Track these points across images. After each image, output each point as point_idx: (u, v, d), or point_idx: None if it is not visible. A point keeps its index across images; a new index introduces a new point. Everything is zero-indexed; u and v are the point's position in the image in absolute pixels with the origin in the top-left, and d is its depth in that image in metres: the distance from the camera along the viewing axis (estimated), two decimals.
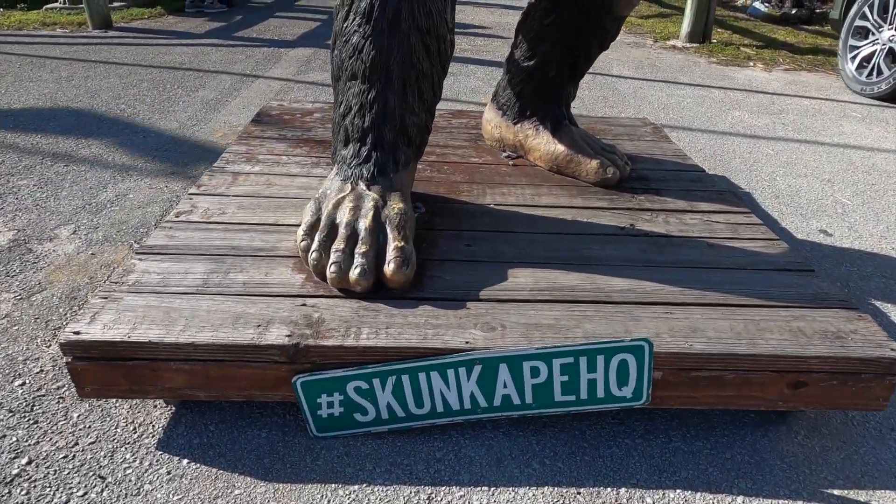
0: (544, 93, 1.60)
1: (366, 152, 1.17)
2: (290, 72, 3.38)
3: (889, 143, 2.67)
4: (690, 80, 3.60)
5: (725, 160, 2.39)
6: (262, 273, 1.12)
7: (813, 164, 2.40)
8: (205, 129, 2.43)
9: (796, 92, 3.47)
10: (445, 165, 1.67)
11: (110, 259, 1.51)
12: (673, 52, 4.40)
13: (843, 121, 2.97)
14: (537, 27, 1.51)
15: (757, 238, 1.35)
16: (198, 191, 1.43)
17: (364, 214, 1.11)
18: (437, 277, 1.13)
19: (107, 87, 2.96)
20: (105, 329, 0.95)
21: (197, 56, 3.66)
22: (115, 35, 4.27)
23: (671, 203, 1.50)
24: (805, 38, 5.06)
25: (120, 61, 3.48)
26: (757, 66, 4.08)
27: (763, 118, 2.95)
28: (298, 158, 1.66)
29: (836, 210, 2.00)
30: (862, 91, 3.40)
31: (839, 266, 1.65)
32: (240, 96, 2.89)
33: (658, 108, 3.04)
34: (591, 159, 1.55)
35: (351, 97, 1.16)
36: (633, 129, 2.05)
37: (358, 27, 1.09)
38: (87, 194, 1.84)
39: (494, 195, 1.50)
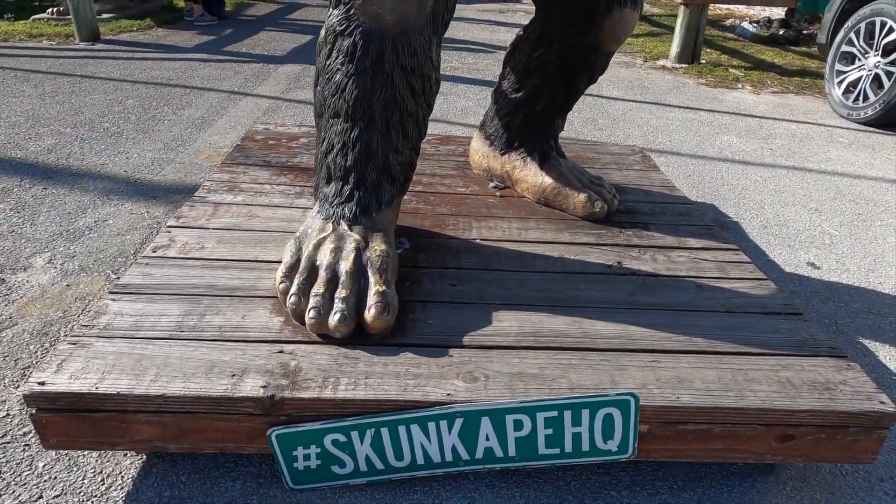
0: (532, 125, 1.59)
1: (348, 191, 1.14)
2: (278, 89, 3.35)
3: (875, 171, 2.68)
4: (680, 103, 3.62)
5: (714, 187, 2.39)
6: (240, 316, 1.09)
7: (801, 192, 2.40)
8: (190, 150, 2.40)
9: (784, 115, 3.49)
10: (432, 196, 1.65)
11: (86, 291, 1.47)
12: (662, 73, 4.43)
13: (830, 146, 2.98)
14: (525, 60, 1.50)
15: (745, 278, 1.33)
16: (177, 223, 1.39)
17: (345, 256, 1.08)
18: (419, 321, 1.11)
19: (91, 103, 2.92)
20: (72, 379, 0.91)
21: (185, 71, 3.62)
22: (103, 48, 4.23)
23: (659, 239, 1.49)
24: (793, 60, 5.11)
25: (106, 76, 3.44)
26: (745, 88, 4.10)
27: (751, 143, 2.96)
28: (282, 187, 1.63)
29: (823, 241, 1.99)
30: (849, 116, 3.43)
31: (827, 302, 1.64)
32: (227, 115, 2.86)
33: (647, 131, 3.05)
34: (579, 193, 1.54)
35: (334, 135, 1.13)
36: (622, 157, 2.04)
37: (341, 66, 1.07)
38: (66, 220, 1.79)
39: (481, 229, 1.48)
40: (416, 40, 1.07)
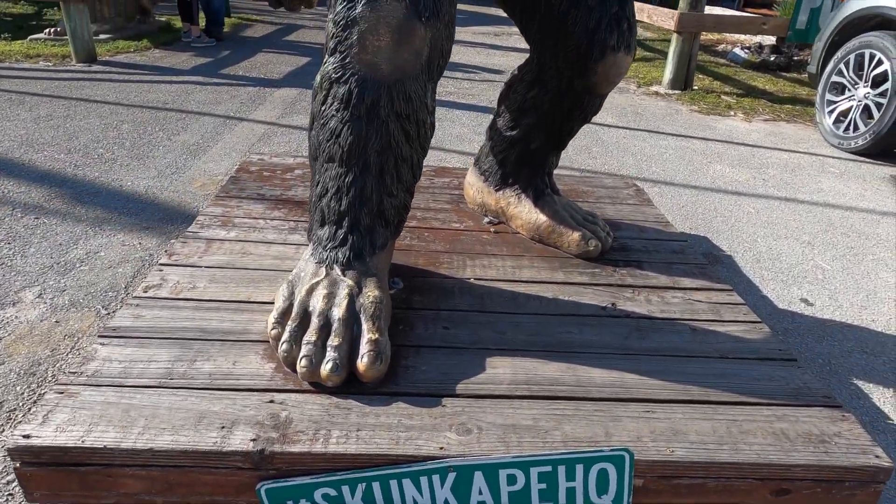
0: (527, 162, 1.60)
1: (342, 235, 1.14)
2: (274, 114, 3.36)
3: (866, 202, 2.70)
4: (673, 130, 3.65)
5: (707, 219, 2.40)
6: (231, 362, 1.07)
7: (793, 224, 2.42)
8: (184, 178, 2.39)
9: (776, 144, 3.53)
10: (426, 232, 1.65)
11: (75, 328, 1.45)
12: (656, 99, 4.47)
13: (821, 176, 3.01)
14: (520, 100, 1.51)
15: (738, 320, 1.33)
16: (169, 261, 1.38)
17: (338, 303, 1.07)
18: (412, 367, 1.10)
19: (86, 128, 2.92)
20: (58, 431, 0.90)
21: (181, 95, 3.63)
22: (99, 70, 4.24)
23: (653, 278, 1.49)
24: (784, 87, 5.18)
25: (102, 99, 3.44)
26: (737, 115, 4.15)
27: (744, 172, 2.99)
28: (276, 222, 1.63)
29: (816, 276, 2.00)
30: (839, 145, 3.47)
31: (821, 340, 1.64)
32: (222, 141, 2.86)
33: (641, 159, 3.07)
34: (573, 231, 1.54)
35: (328, 179, 1.13)
36: (616, 190, 2.05)
37: (336, 112, 1.07)
38: (57, 251, 1.78)
39: (475, 267, 1.48)
40: (412, 88, 1.07)
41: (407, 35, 1.01)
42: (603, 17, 1.31)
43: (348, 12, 1.01)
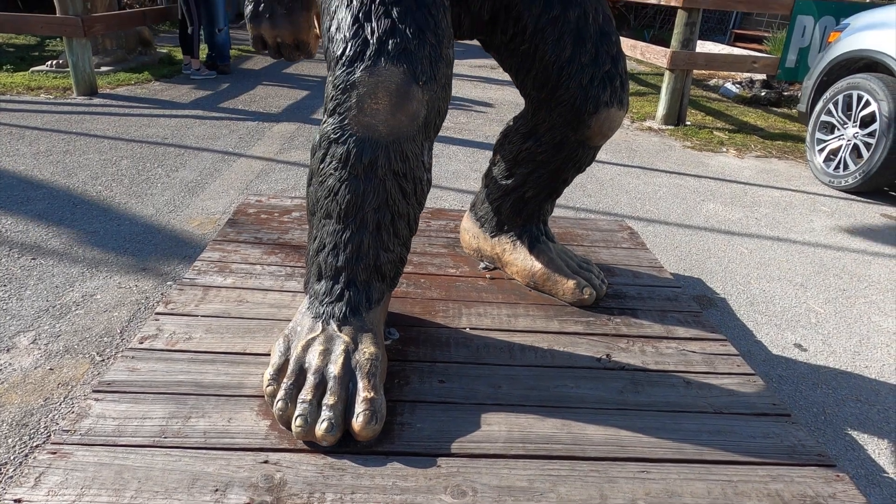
0: (522, 210, 1.62)
1: (338, 290, 1.15)
2: (272, 150, 3.40)
3: (857, 242, 2.73)
4: (666, 167, 3.70)
5: (701, 259, 2.42)
6: (225, 419, 1.07)
7: (786, 265, 2.44)
8: (181, 217, 2.41)
9: (768, 181, 3.58)
10: (422, 278, 1.66)
11: (69, 376, 1.45)
12: (649, 135, 4.54)
13: (813, 215, 3.04)
14: (515, 151, 1.53)
15: (732, 373, 1.34)
16: (165, 310, 1.39)
17: (334, 360, 1.08)
18: (407, 425, 1.10)
19: (85, 164, 2.94)
20: (50, 495, 0.89)
21: (180, 129, 3.67)
22: (100, 103, 4.28)
23: (647, 328, 1.50)
24: (775, 122, 5.27)
25: (102, 133, 3.47)
26: (730, 151, 4.21)
27: (737, 211, 3.02)
28: (273, 268, 1.64)
29: (809, 320, 2.01)
30: (830, 183, 3.52)
31: (814, 389, 1.64)
32: (220, 178, 2.88)
33: (635, 197, 3.10)
34: (568, 279, 1.55)
35: (325, 235, 1.15)
36: (610, 233, 2.07)
37: (334, 171, 1.09)
38: (52, 294, 1.78)
39: (470, 316, 1.48)
40: (409, 147, 1.09)
41: (404, 99, 1.04)
42: (596, 74, 1.34)
43: (348, 76, 1.03)
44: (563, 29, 1.32)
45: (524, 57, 1.38)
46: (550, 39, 1.33)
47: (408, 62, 1.03)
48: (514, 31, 1.36)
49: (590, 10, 1.34)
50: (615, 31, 1.40)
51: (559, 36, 1.32)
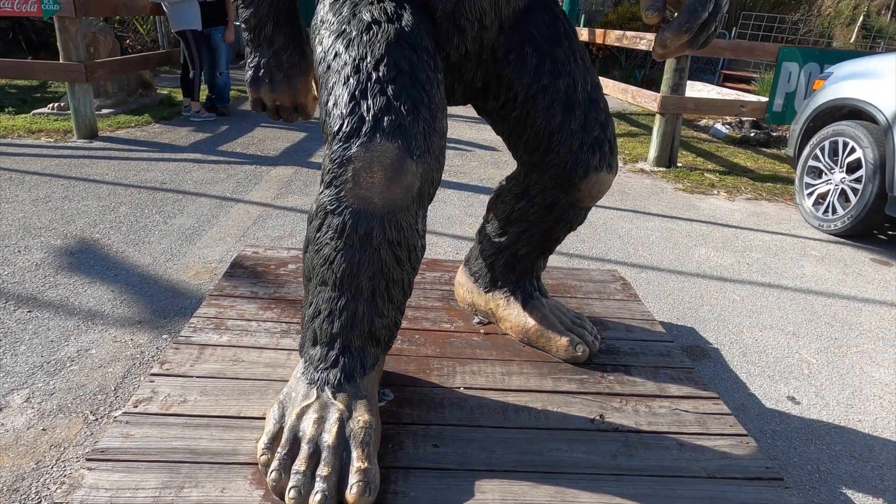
0: (515, 267, 1.64)
1: (333, 357, 1.16)
2: (270, 195, 3.44)
3: (848, 288, 2.76)
4: (658, 210, 3.75)
5: (694, 307, 2.44)
6: (219, 489, 1.07)
7: (777, 312, 2.46)
8: (178, 266, 2.42)
9: (758, 225, 3.63)
10: (417, 334, 1.67)
11: (62, 436, 1.44)
12: (641, 177, 4.61)
13: (803, 260, 3.08)
14: (508, 210, 1.57)
15: (725, 434, 1.35)
16: (160, 370, 1.39)
17: (328, 429, 1.08)
18: (401, 493, 1.10)
19: (84, 210, 2.97)
20: None
21: (178, 174, 3.72)
22: (100, 146, 4.34)
23: (640, 385, 1.51)
24: (764, 163, 5.36)
25: (101, 178, 3.51)
26: (721, 194, 4.28)
27: (728, 256, 3.06)
28: (268, 324, 1.65)
29: (802, 371, 2.03)
30: (820, 227, 3.57)
31: (809, 444, 1.65)
32: (217, 224, 2.91)
33: (628, 242, 3.14)
34: (561, 336, 1.57)
35: (321, 301, 1.17)
36: (603, 285, 2.10)
37: (330, 240, 1.12)
38: (48, 349, 1.78)
39: (465, 374, 1.49)
40: (403, 217, 1.12)
41: (399, 173, 1.07)
42: (585, 140, 1.38)
43: (344, 152, 1.07)
44: (553, 97, 1.37)
45: (516, 123, 1.42)
46: (541, 107, 1.37)
47: (402, 138, 1.06)
48: (505, 98, 1.41)
49: (578, 78, 1.39)
50: (603, 97, 1.45)
51: (549, 104, 1.37)
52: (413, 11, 1.23)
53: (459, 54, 1.34)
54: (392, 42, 1.14)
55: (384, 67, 1.11)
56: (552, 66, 1.37)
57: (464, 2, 1.26)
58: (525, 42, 1.37)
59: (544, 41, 1.38)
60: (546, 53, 1.37)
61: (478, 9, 1.27)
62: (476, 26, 1.30)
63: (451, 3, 1.25)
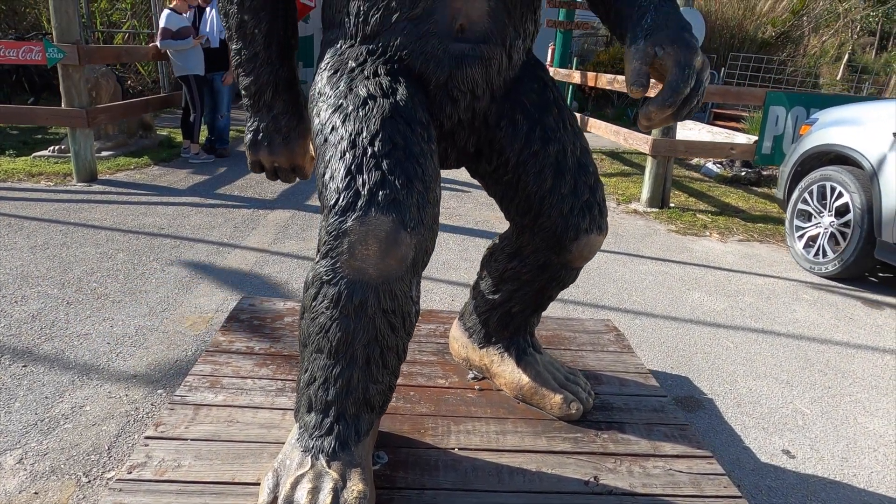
0: (508, 324, 1.66)
1: (328, 424, 1.17)
2: (267, 240, 3.47)
3: (840, 334, 2.78)
4: (652, 253, 3.79)
5: (688, 355, 2.46)
6: None
7: (771, 360, 2.48)
8: (174, 316, 2.43)
9: (750, 267, 3.67)
10: (412, 391, 1.68)
11: (53, 500, 1.43)
12: (634, 218, 4.67)
13: (796, 304, 3.11)
14: (501, 269, 1.60)
15: (720, 496, 1.35)
16: (155, 433, 1.39)
17: (322, 500, 1.08)
18: None
19: (82, 257, 2.99)
20: None
21: (176, 218, 3.75)
22: (99, 189, 4.39)
23: (634, 444, 1.51)
24: (755, 203, 5.44)
25: (99, 224, 3.54)
26: (713, 235, 4.33)
27: (721, 301, 3.08)
28: (264, 382, 1.66)
29: (796, 422, 2.03)
30: (811, 269, 3.61)
31: (804, 501, 1.64)
32: (214, 271, 2.93)
33: (622, 287, 3.17)
34: (555, 394, 1.58)
35: (316, 368, 1.18)
36: (597, 336, 2.12)
37: (326, 309, 1.14)
38: (42, 406, 1.78)
39: (459, 434, 1.50)
40: (398, 286, 1.15)
41: (393, 245, 1.10)
42: (575, 204, 1.42)
43: (340, 225, 1.10)
44: (544, 162, 1.41)
45: (508, 186, 1.46)
46: (532, 172, 1.41)
47: (396, 211, 1.10)
48: (497, 162, 1.45)
49: (568, 144, 1.43)
50: (592, 161, 1.49)
51: (540, 169, 1.41)
52: (407, 85, 1.28)
53: (453, 123, 1.38)
54: (387, 117, 1.19)
55: (379, 142, 1.15)
56: (542, 132, 1.42)
57: (456, 74, 1.31)
58: (516, 110, 1.42)
59: (534, 109, 1.43)
60: (536, 121, 1.42)
61: (470, 80, 1.32)
62: (468, 96, 1.35)
63: (444, 75, 1.30)
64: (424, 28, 1.27)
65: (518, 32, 1.36)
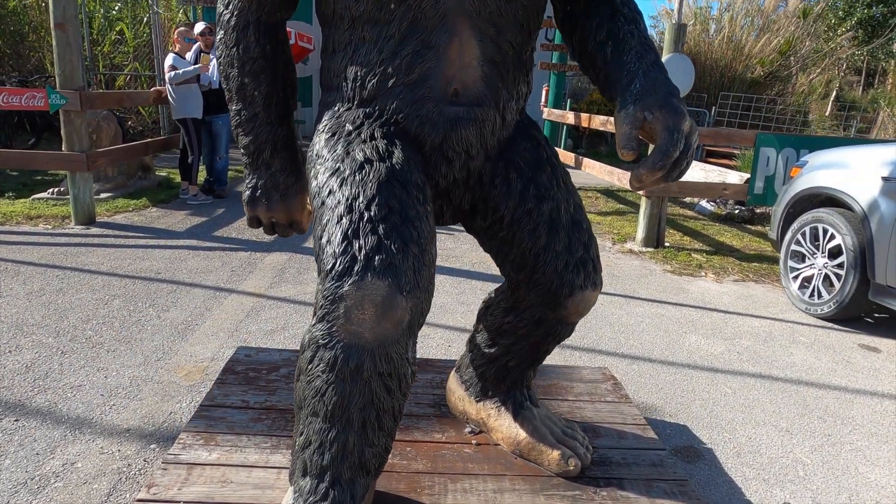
0: (505, 377, 1.66)
1: (323, 489, 1.16)
2: (263, 284, 3.47)
3: (838, 378, 2.78)
4: (648, 294, 3.80)
5: (686, 402, 2.44)
6: None
7: (770, 406, 2.46)
8: (169, 365, 2.42)
9: (747, 309, 3.67)
10: (408, 446, 1.66)
11: None
12: (630, 257, 4.70)
13: (793, 347, 3.11)
14: (497, 323, 1.60)
15: None
16: (147, 495, 1.37)
17: None
18: None
19: (77, 304, 2.98)
20: None
21: (173, 262, 3.76)
22: (97, 232, 4.41)
23: (634, 502, 1.49)
24: (750, 242, 5.48)
25: (96, 269, 3.55)
26: (708, 275, 4.35)
27: (718, 344, 3.08)
28: (259, 438, 1.64)
29: (797, 472, 2.01)
30: (807, 311, 3.62)
31: None
32: (210, 317, 2.93)
33: (618, 330, 3.17)
34: (553, 450, 1.57)
35: (311, 432, 1.18)
36: (594, 385, 2.11)
37: (322, 373, 1.14)
38: (32, 464, 1.75)
39: (456, 493, 1.48)
40: (393, 349, 1.15)
41: (389, 309, 1.11)
42: (570, 261, 1.44)
43: (336, 290, 1.11)
44: (538, 220, 1.43)
45: (503, 242, 1.48)
46: (526, 229, 1.43)
47: (393, 276, 1.11)
48: (492, 219, 1.47)
49: (561, 202, 1.46)
50: (586, 217, 1.52)
51: (534, 227, 1.43)
52: (403, 147, 1.31)
53: (448, 182, 1.41)
54: (383, 181, 1.21)
55: (375, 207, 1.17)
56: (536, 190, 1.44)
57: (451, 136, 1.34)
58: (510, 168, 1.45)
59: (528, 167, 1.46)
60: (530, 179, 1.45)
61: (464, 141, 1.35)
62: (463, 156, 1.38)
63: (439, 137, 1.33)
64: (420, 93, 1.31)
65: (511, 94, 1.40)
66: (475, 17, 1.28)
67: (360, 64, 1.32)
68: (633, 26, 1.37)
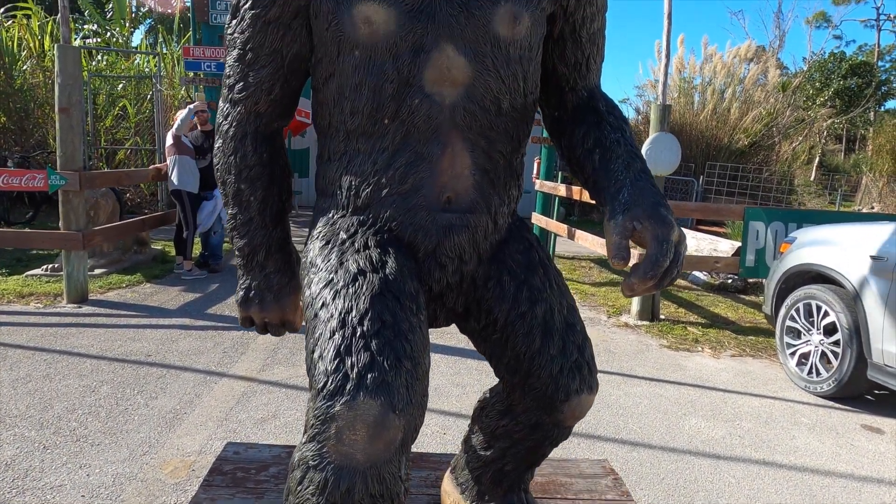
0: (502, 481, 1.61)
1: None
2: (255, 367, 3.42)
3: (843, 464, 2.71)
4: (645, 372, 3.76)
5: (689, 495, 2.37)
6: None
7: (776, 497, 2.39)
8: (155, 460, 2.34)
9: (746, 387, 3.63)
10: None
11: None
12: (626, 332, 4.68)
13: (795, 430, 3.05)
14: (493, 426, 1.57)
15: None
16: None
17: None
18: None
19: (64, 391, 2.92)
20: None
21: (165, 343, 3.71)
22: (89, 311, 4.37)
23: None
24: (745, 314, 5.48)
25: (85, 352, 3.49)
26: (705, 350, 4.32)
27: (719, 427, 3.02)
28: None
29: None
30: (806, 388, 3.58)
31: None
32: (200, 405, 2.86)
33: (617, 413, 3.11)
34: None
35: None
36: (594, 481, 2.04)
37: (311, 495, 1.10)
38: None
39: None
40: (386, 470, 1.12)
41: (382, 428, 1.08)
42: (565, 365, 1.42)
43: (328, 409, 1.09)
44: (532, 323, 1.43)
45: (496, 345, 1.47)
46: (520, 332, 1.43)
47: (385, 394, 1.09)
48: (486, 321, 1.47)
49: (555, 304, 1.46)
50: (580, 319, 1.51)
51: (528, 330, 1.43)
52: (397, 255, 1.32)
53: (441, 286, 1.42)
54: (376, 294, 1.21)
55: (368, 322, 1.16)
56: (529, 293, 1.45)
57: (444, 242, 1.36)
58: (503, 271, 1.46)
59: (521, 270, 1.47)
60: (523, 282, 1.46)
61: (457, 247, 1.37)
62: (456, 262, 1.39)
63: (432, 244, 1.35)
64: (413, 201, 1.33)
65: (503, 199, 1.43)
66: (467, 130, 1.33)
67: (355, 174, 1.35)
68: (619, 134, 1.41)
